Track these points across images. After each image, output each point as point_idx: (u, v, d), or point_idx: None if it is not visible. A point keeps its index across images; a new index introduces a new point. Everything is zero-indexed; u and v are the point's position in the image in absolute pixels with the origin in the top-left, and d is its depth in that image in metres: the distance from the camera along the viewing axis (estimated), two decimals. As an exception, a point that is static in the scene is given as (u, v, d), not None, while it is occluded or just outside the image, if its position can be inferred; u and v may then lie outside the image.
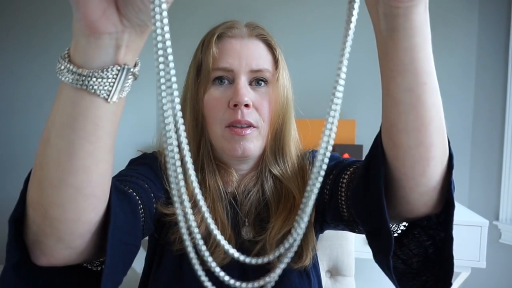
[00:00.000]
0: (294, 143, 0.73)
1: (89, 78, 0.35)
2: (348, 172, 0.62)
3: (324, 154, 0.32)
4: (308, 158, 0.74)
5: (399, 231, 0.57)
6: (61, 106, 0.37)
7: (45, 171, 0.39)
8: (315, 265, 0.73)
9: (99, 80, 0.35)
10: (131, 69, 0.37)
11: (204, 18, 1.06)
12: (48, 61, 2.08)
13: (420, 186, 0.47)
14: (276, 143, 0.71)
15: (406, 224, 0.57)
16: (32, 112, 2.11)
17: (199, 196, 0.34)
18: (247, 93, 0.65)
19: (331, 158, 0.72)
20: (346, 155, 1.68)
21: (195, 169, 0.68)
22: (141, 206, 0.57)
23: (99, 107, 0.37)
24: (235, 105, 0.64)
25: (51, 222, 0.40)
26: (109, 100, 0.36)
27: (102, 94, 0.36)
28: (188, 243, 0.34)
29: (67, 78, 0.35)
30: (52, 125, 0.38)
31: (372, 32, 0.43)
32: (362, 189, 0.52)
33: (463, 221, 1.49)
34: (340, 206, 0.62)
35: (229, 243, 0.65)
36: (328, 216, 0.67)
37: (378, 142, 0.50)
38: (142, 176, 0.63)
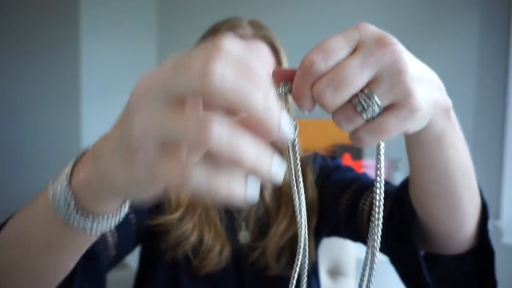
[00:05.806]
0: None
1: (109, 222, 0.31)
2: (369, 198, 0.59)
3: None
4: (309, 162, 0.72)
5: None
6: (56, 243, 0.33)
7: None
8: (315, 271, 0.72)
9: (114, 218, 0.32)
10: None
11: (205, 13, 1.05)
12: (47, 62, 2.08)
13: (456, 238, 0.47)
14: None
15: None
16: (30, 113, 2.11)
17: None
18: None
19: (338, 167, 0.71)
20: (346, 155, 1.68)
21: None
22: (108, 250, 0.55)
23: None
24: None
25: None
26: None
27: (116, 223, 0.33)
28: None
29: (76, 225, 0.30)
30: (48, 261, 0.34)
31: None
32: (396, 243, 0.50)
33: (464, 221, 1.48)
34: (361, 230, 0.60)
35: (224, 248, 0.64)
36: (344, 233, 0.66)
37: (405, 198, 0.48)
38: None
